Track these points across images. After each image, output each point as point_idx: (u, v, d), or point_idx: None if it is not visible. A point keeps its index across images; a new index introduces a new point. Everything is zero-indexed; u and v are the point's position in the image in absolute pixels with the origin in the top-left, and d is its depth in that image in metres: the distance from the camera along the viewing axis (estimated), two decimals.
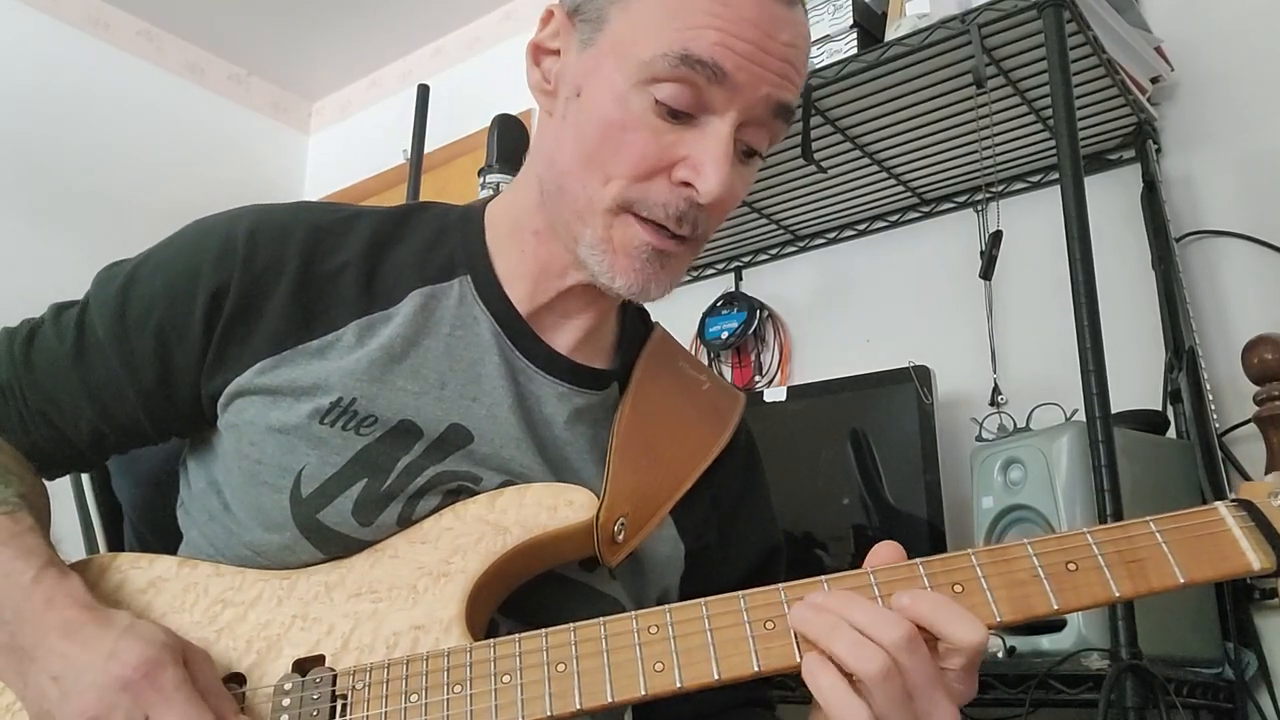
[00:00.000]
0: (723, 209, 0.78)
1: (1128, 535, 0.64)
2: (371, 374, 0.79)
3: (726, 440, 0.92)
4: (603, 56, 0.76)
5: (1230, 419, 1.58)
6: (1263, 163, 1.68)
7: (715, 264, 2.34)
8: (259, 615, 0.75)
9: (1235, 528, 0.64)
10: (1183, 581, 0.63)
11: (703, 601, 0.66)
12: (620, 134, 0.75)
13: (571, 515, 0.75)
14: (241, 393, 0.79)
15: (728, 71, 0.72)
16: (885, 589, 0.64)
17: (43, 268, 2.64)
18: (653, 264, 0.77)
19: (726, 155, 0.74)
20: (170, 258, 0.82)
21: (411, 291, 0.83)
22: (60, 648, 0.68)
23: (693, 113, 0.74)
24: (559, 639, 0.67)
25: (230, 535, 0.80)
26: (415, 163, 2.30)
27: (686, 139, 0.74)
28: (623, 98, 0.74)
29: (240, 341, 0.79)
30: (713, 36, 0.72)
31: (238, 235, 0.81)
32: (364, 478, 0.77)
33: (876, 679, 0.59)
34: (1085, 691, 1.25)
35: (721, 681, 0.64)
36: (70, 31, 3.10)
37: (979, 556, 0.65)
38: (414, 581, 0.74)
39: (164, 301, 0.80)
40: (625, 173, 0.75)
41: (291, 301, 0.80)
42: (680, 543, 0.87)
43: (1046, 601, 0.63)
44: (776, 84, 0.75)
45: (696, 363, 0.98)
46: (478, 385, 0.82)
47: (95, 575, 0.79)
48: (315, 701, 0.69)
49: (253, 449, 0.78)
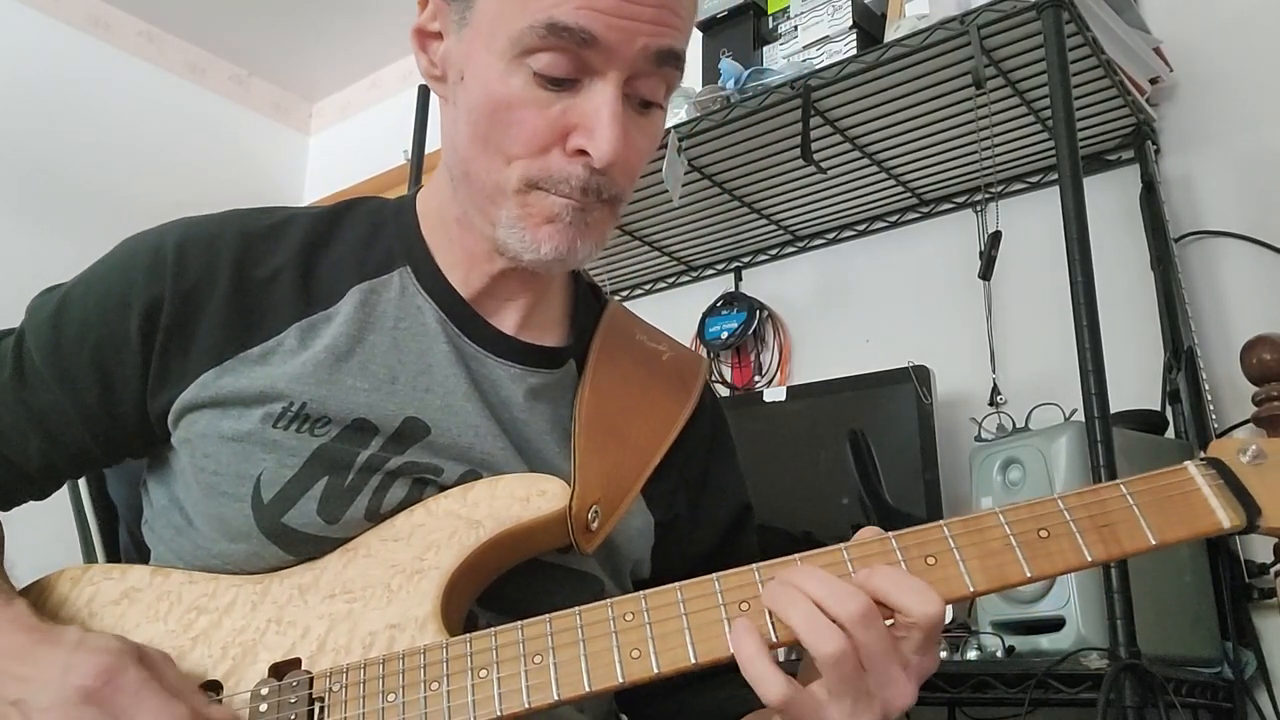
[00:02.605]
0: (629, 167, 0.77)
1: (1099, 499, 0.64)
2: (319, 376, 0.78)
3: (691, 410, 0.91)
4: (477, 36, 0.75)
5: (1229, 419, 1.58)
6: (1262, 163, 1.68)
7: (715, 264, 2.34)
8: (233, 621, 0.75)
9: (1205, 486, 0.64)
10: (1154, 543, 0.62)
11: (678, 586, 0.66)
12: (507, 112, 0.74)
13: (544, 505, 0.75)
14: (189, 407, 0.78)
15: (597, 33, 0.71)
16: (858, 565, 0.64)
17: (43, 268, 2.64)
18: (575, 224, 0.76)
19: (615, 115, 0.72)
20: (101, 278, 0.81)
21: (350, 289, 0.82)
22: (16, 671, 0.67)
23: (575, 78, 0.73)
24: (535, 630, 0.67)
25: (197, 548, 0.79)
26: (416, 163, 2.30)
27: (574, 105, 0.73)
28: (502, 75, 0.73)
29: (180, 356, 0.78)
30: (575, 0, 0.70)
31: (167, 249, 0.79)
32: (324, 476, 0.76)
33: (830, 659, 0.60)
34: (1084, 691, 1.25)
35: (699, 665, 0.63)
36: (70, 31, 3.10)
37: (951, 528, 0.64)
38: (388, 580, 0.74)
39: (98, 323, 0.79)
40: (522, 151, 0.74)
41: (228, 311, 0.79)
42: (650, 516, 0.87)
43: (1020, 570, 0.62)
44: (653, 33, 0.73)
45: (655, 332, 0.97)
46: (429, 375, 0.81)
47: (67, 587, 0.78)
48: (293, 705, 0.69)
49: (208, 461, 0.77)
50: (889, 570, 0.62)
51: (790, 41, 1.82)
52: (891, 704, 0.61)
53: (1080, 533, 0.63)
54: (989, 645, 1.40)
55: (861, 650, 0.60)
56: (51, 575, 0.79)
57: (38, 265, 2.87)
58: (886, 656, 0.60)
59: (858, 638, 0.60)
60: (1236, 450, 0.65)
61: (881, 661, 0.60)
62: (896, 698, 0.61)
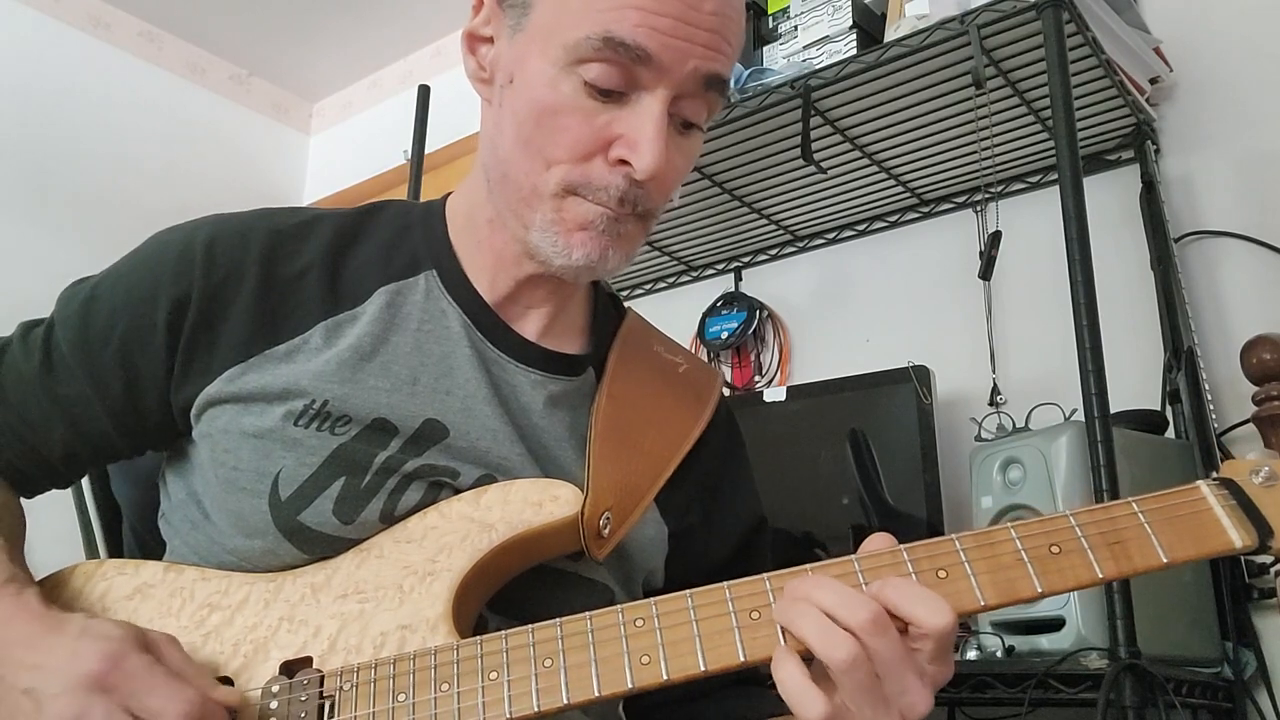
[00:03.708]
0: (665, 184, 0.78)
1: (1110, 516, 0.64)
2: (342, 374, 0.79)
3: (706, 422, 0.92)
4: (531, 42, 0.76)
5: (1229, 419, 1.58)
6: (1261, 163, 1.68)
7: (715, 264, 2.34)
8: (246, 618, 0.75)
9: (1217, 506, 0.64)
10: (1165, 561, 0.63)
11: (688, 593, 0.66)
12: (554, 118, 0.75)
13: (557, 511, 0.75)
14: (212, 402, 0.79)
15: (651, 51, 0.72)
16: (869, 575, 0.64)
17: (43, 268, 2.64)
18: (609, 233, 0.77)
19: (660, 131, 0.74)
20: (130, 271, 0.82)
21: (377, 289, 0.83)
22: (28, 660, 0.67)
23: (624, 90, 0.74)
24: (545, 634, 0.67)
25: (213, 543, 0.80)
26: (416, 163, 2.30)
27: (620, 117, 0.74)
28: (553, 81, 0.75)
29: (206, 351, 0.79)
30: (634, 17, 0.71)
31: (196, 245, 0.81)
32: (342, 476, 0.76)
33: (843, 665, 0.60)
34: (1084, 691, 1.25)
35: (708, 673, 0.64)
36: (70, 31, 3.10)
37: (963, 541, 0.65)
38: (400, 581, 0.74)
39: (126, 315, 0.80)
40: (564, 156, 0.75)
41: (255, 307, 0.80)
42: (664, 525, 0.87)
43: (1030, 585, 0.63)
44: (704, 56, 0.74)
45: (672, 344, 0.98)
46: (450, 378, 0.81)
47: (81, 582, 0.78)
48: (303, 703, 0.69)
49: (228, 456, 0.78)
50: (900, 582, 0.63)
51: (790, 41, 1.82)
52: (909, 711, 0.61)
53: (1091, 549, 0.63)
54: (989, 645, 1.40)
55: (875, 658, 0.60)
56: (65, 569, 0.80)
57: (37, 265, 2.88)
58: (901, 664, 0.61)
59: (870, 645, 0.60)
60: (1249, 471, 0.66)
61: (896, 669, 0.60)
62: (914, 706, 0.61)
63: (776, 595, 0.65)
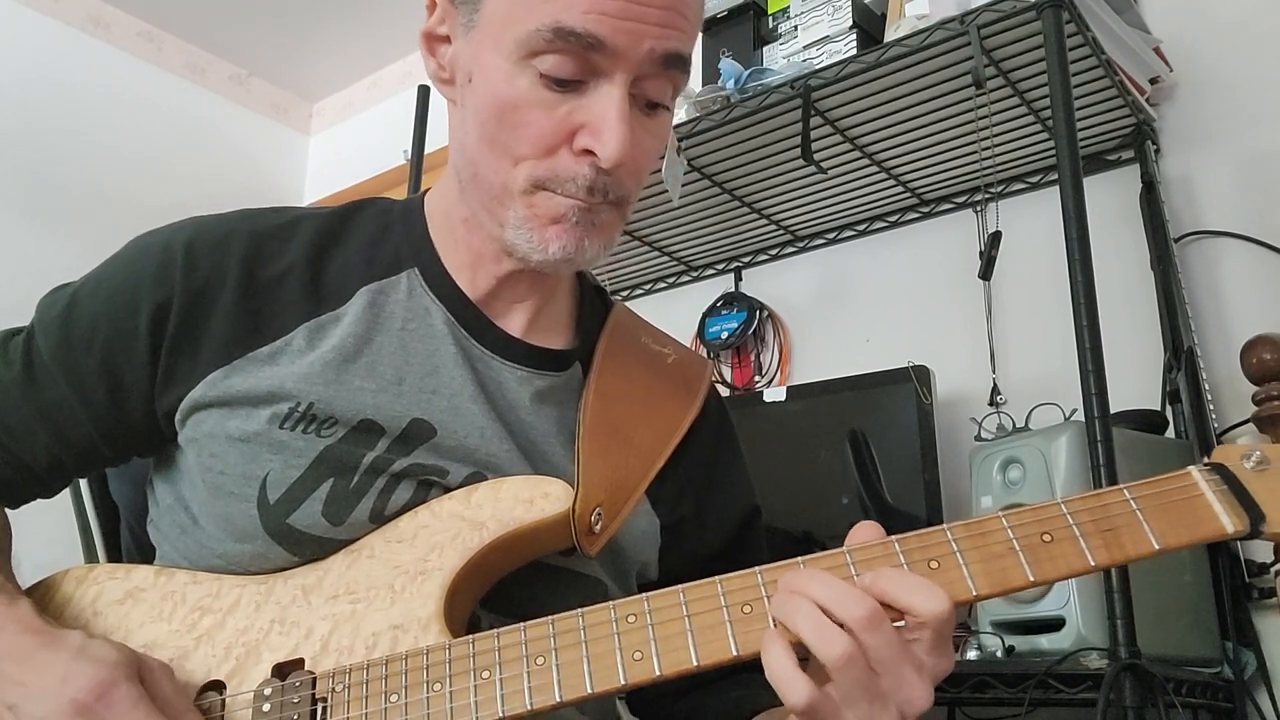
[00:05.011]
0: (635, 168, 0.77)
1: (1102, 504, 0.64)
2: (326, 376, 0.78)
3: (696, 413, 0.91)
4: (485, 38, 0.75)
5: (1229, 419, 1.58)
6: (1261, 163, 1.68)
7: (715, 264, 2.34)
8: (237, 621, 0.75)
9: (1209, 491, 0.64)
10: (1158, 548, 0.62)
11: (680, 588, 0.66)
12: (514, 113, 0.74)
13: (548, 508, 0.75)
14: (197, 406, 0.78)
15: (603, 37, 0.71)
16: (861, 567, 0.64)
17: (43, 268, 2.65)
18: (582, 224, 0.76)
19: (622, 117, 0.73)
20: (110, 277, 0.81)
21: (359, 289, 0.82)
22: (15, 675, 0.67)
23: (581, 79, 0.73)
24: (537, 632, 0.67)
25: (202, 548, 0.79)
26: (416, 163, 2.30)
27: (581, 106, 0.74)
28: (509, 77, 0.74)
29: (189, 355, 0.79)
30: (582, 4, 0.71)
31: (176, 249, 0.80)
32: (330, 478, 0.76)
33: (839, 662, 0.59)
34: (1084, 691, 1.25)
35: (701, 668, 0.63)
36: (70, 31, 3.10)
37: (954, 531, 0.64)
38: (391, 581, 0.74)
39: (107, 320, 0.79)
40: (529, 152, 0.75)
41: (237, 310, 0.79)
42: (656, 518, 0.87)
43: (1022, 574, 0.62)
44: (659, 35, 0.73)
45: (660, 335, 0.97)
46: (436, 377, 0.81)
47: (72, 587, 0.78)
48: (295, 705, 0.69)
49: (215, 460, 0.77)
50: (893, 572, 0.62)
51: (790, 41, 1.82)
52: (908, 706, 0.61)
53: (1083, 537, 0.63)
54: (989, 645, 1.40)
55: (870, 653, 0.60)
56: (56, 575, 0.79)
57: (37, 265, 2.87)
58: (897, 659, 0.60)
59: (865, 641, 0.60)
60: (1240, 456, 0.65)
61: (893, 664, 0.60)
62: (912, 700, 0.61)
63: (769, 589, 0.64)
